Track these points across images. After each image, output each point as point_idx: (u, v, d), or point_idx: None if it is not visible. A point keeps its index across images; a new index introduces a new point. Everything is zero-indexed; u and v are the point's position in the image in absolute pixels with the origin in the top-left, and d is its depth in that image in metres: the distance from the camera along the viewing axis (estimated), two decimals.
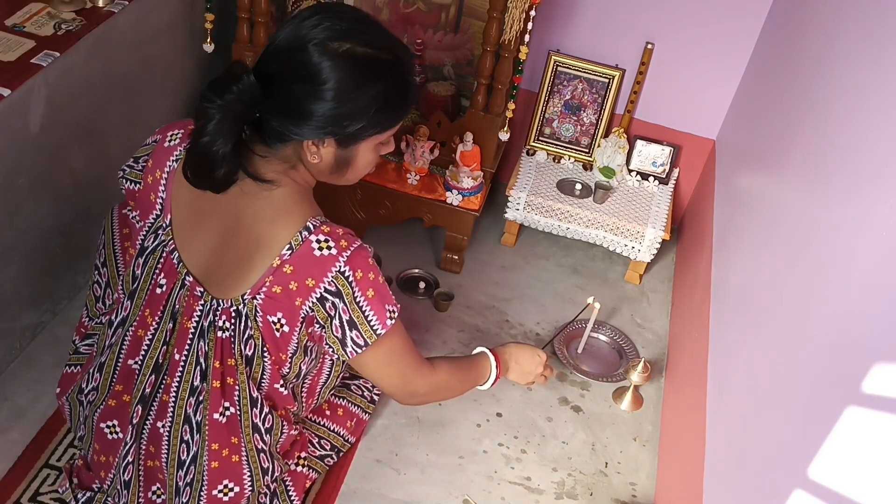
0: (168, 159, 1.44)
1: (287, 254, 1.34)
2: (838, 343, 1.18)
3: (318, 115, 1.30)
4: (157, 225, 1.45)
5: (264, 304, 1.37)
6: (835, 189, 1.38)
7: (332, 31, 1.28)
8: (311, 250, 1.34)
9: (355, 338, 1.39)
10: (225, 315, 1.40)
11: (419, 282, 2.36)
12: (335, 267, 1.34)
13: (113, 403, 1.54)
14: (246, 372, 1.44)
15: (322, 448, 1.74)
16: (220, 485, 1.51)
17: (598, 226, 2.41)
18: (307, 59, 1.27)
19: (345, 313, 1.37)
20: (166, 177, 1.44)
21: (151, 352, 1.48)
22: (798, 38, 1.90)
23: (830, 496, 1.07)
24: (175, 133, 1.46)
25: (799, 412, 1.24)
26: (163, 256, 1.44)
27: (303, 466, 1.68)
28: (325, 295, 1.35)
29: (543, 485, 1.94)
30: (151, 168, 1.46)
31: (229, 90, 1.25)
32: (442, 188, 2.29)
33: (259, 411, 1.48)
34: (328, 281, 1.34)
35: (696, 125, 2.48)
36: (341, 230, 1.37)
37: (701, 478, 1.58)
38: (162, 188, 1.44)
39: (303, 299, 1.36)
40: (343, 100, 1.29)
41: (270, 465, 1.55)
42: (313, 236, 1.35)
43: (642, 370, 2.09)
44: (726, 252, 1.98)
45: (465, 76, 2.41)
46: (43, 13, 1.88)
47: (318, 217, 1.38)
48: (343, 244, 1.35)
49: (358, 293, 1.36)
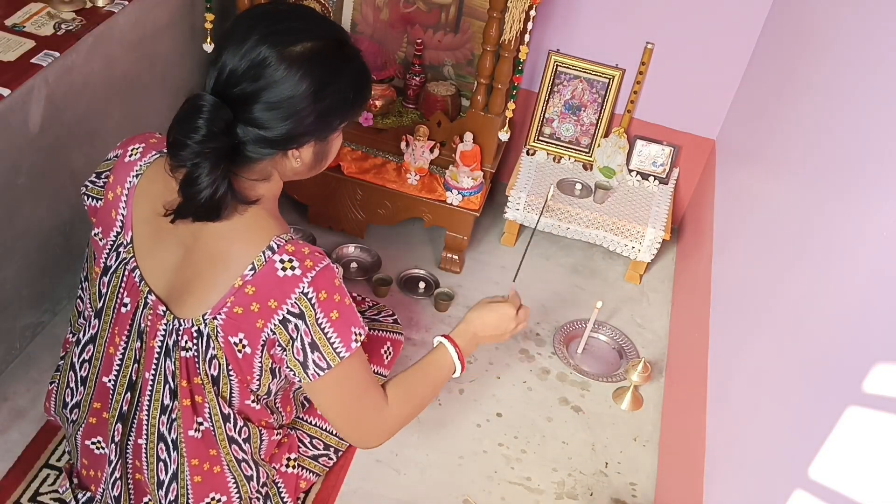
0: (129, 175, 1.40)
1: (249, 274, 1.30)
2: (838, 343, 1.18)
3: (298, 126, 1.28)
4: (118, 242, 1.42)
5: (225, 325, 1.33)
6: (835, 189, 1.38)
7: (281, 38, 1.25)
8: (275, 271, 1.30)
9: (317, 360, 1.33)
10: (187, 335, 1.37)
11: (419, 282, 2.36)
12: (298, 288, 1.30)
13: (94, 421, 1.54)
14: (214, 391, 1.41)
15: (315, 448, 1.73)
16: (206, 497, 1.51)
17: (598, 226, 2.41)
18: (271, 73, 1.23)
19: (307, 335, 1.32)
20: (127, 193, 1.40)
21: (124, 370, 1.46)
22: (798, 38, 1.90)
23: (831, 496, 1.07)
24: (136, 147, 1.42)
25: (799, 412, 1.24)
26: (125, 275, 1.41)
27: (293, 468, 1.67)
28: (287, 317, 1.31)
29: (543, 485, 1.94)
30: (112, 184, 1.42)
31: (198, 127, 1.21)
32: (442, 188, 2.29)
33: (233, 426, 1.46)
34: (291, 302, 1.30)
35: (696, 125, 2.48)
36: (308, 249, 1.33)
37: (701, 478, 1.58)
38: (123, 205, 1.40)
39: (265, 321, 1.32)
40: (319, 103, 1.27)
41: (254, 472, 1.54)
42: (277, 256, 1.30)
43: (642, 370, 2.09)
44: (726, 252, 1.98)
45: (465, 76, 2.41)
46: (43, 13, 1.87)
47: (283, 235, 1.33)
48: (308, 264, 1.31)
49: (321, 315, 1.31)
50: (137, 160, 1.41)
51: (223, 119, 1.23)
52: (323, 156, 1.38)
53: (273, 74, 1.24)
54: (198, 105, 1.22)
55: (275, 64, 1.23)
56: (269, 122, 1.26)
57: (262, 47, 1.23)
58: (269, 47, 1.24)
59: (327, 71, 1.28)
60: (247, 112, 1.25)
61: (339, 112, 1.33)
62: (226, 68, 1.25)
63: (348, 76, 1.31)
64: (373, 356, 1.84)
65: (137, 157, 1.41)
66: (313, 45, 1.26)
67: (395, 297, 2.32)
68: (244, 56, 1.24)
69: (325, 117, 1.30)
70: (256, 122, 1.26)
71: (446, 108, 2.32)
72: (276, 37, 1.24)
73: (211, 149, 1.22)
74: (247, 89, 1.24)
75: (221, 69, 1.26)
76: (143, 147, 1.42)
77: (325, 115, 1.30)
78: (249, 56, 1.24)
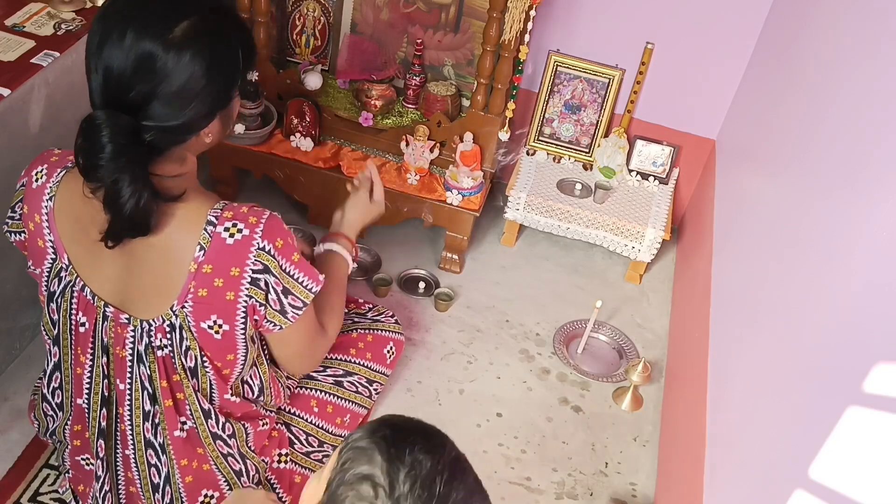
0: (41, 200, 1.37)
1: (200, 255, 1.31)
2: (838, 343, 1.18)
3: (204, 106, 1.27)
4: (56, 267, 1.40)
5: (195, 311, 1.34)
6: (835, 189, 1.38)
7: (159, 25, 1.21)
8: (223, 241, 1.31)
9: (293, 302, 1.37)
10: (160, 332, 1.37)
11: (419, 282, 2.36)
12: (253, 246, 1.31)
13: (78, 443, 1.55)
14: (193, 385, 1.42)
15: (309, 445, 1.72)
16: (200, 496, 1.52)
17: (598, 226, 2.41)
18: (162, 66, 1.20)
19: (277, 285, 1.35)
20: (47, 218, 1.37)
21: (94, 387, 1.47)
22: (798, 38, 1.90)
23: (831, 496, 1.07)
24: (40, 171, 1.38)
25: (799, 412, 1.24)
26: (74, 295, 1.40)
27: (285, 463, 1.67)
28: (254, 276, 1.33)
29: (543, 485, 1.94)
30: (29, 214, 1.39)
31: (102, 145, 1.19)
32: (442, 188, 2.29)
33: (215, 422, 1.47)
34: (251, 262, 1.32)
35: (696, 125, 2.48)
36: (245, 207, 1.34)
37: (701, 478, 1.58)
38: (47, 231, 1.37)
39: (234, 291, 1.33)
40: (215, 78, 1.26)
41: (242, 466, 1.54)
42: (220, 227, 1.31)
43: (642, 370, 2.09)
44: (726, 252, 1.98)
45: (465, 76, 2.41)
46: (43, 13, 1.88)
47: (216, 205, 1.33)
48: (252, 220, 1.32)
49: (283, 261, 1.34)
50: (45, 183, 1.37)
51: (125, 128, 1.21)
52: (229, 119, 1.37)
53: (164, 67, 1.20)
54: (94, 124, 1.20)
55: (162, 55, 1.20)
56: (173, 113, 1.24)
57: (144, 42, 1.19)
58: (150, 40, 1.19)
59: (213, 43, 1.25)
60: (147, 111, 1.23)
61: (235, 77, 1.31)
62: (112, 72, 1.21)
63: (232, 38, 1.29)
64: (376, 356, 1.85)
65: (44, 181, 1.37)
66: (189, 22, 1.22)
67: (395, 297, 2.32)
68: (128, 55, 1.20)
69: (225, 88, 1.30)
70: (159, 118, 1.23)
71: (446, 108, 2.32)
72: (153, 27, 1.20)
73: (124, 161, 1.21)
74: (143, 90, 1.21)
75: (107, 75, 1.22)
76: (47, 168, 1.38)
77: (223, 86, 1.29)
78: (133, 54, 1.20)
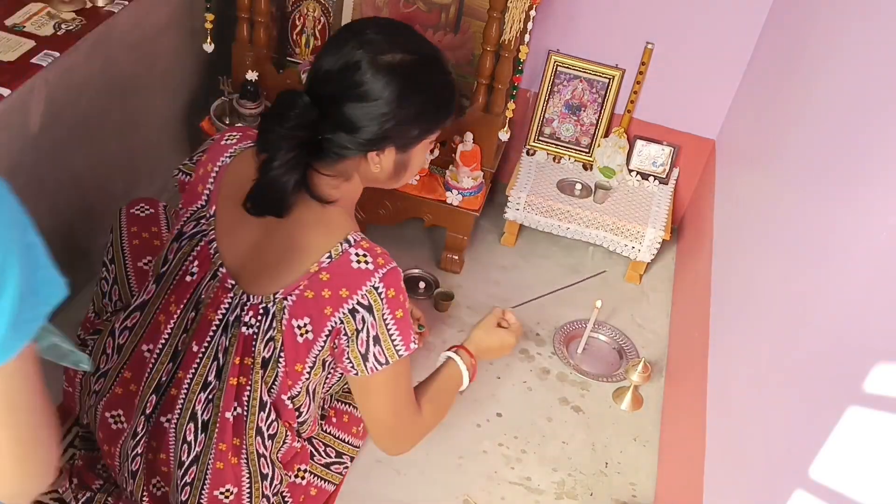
0: (222, 155, 1.49)
1: (326, 262, 1.37)
2: (838, 342, 1.18)
3: (379, 130, 1.34)
4: (199, 214, 1.48)
5: (294, 307, 1.39)
6: (835, 189, 1.38)
7: (376, 47, 1.33)
8: (350, 262, 1.37)
9: (377, 354, 1.39)
10: (252, 311, 1.42)
11: (419, 282, 2.36)
12: (370, 281, 1.36)
13: (120, 391, 1.53)
14: (261, 374, 1.44)
15: (327, 456, 1.73)
16: (221, 487, 1.51)
17: (598, 226, 2.41)
18: (360, 77, 1.31)
19: (373, 328, 1.38)
20: (217, 170, 1.48)
21: (171, 339, 1.48)
22: (798, 38, 1.90)
23: (831, 496, 1.07)
24: (233, 134, 1.51)
25: (799, 412, 1.24)
26: (199, 245, 1.46)
27: (301, 478, 1.67)
28: (356, 307, 1.37)
29: (543, 485, 1.94)
30: (205, 161, 1.51)
31: (287, 118, 1.30)
32: (442, 188, 2.29)
33: (266, 416, 1.48)
34: (361, 294, 1.36)
35: (696, 125, 2.48)
36: (379, 249, 1.41)
37: (701, 478, 1.58)
38: (211, 180, 1.48)
39: (333, 309, 1.37)
40: (401, 110, 1.34)
41: (270, 472, 1.54)
42: (353, 249, 1.38)
43: (642, 370, 2.09)
44: (726, 252, 1.98)
45: (465, 76, 2.40)
46: (43, 13, 1.87)
47: (358, 233, 1.41)
48: (380, 262, 1.38)
49: (387, 311, 1.38)
50: (233, 144, 1.50)
51: (309, 115, 1.31)
52: (403, 167, 1.44)
53: (362, 77, 1.31)
54: (292, 101, 1.31)
55: (365, 68, 1.31)
56: (353, 122, 1.33)
57: (357, 52, 1.32)
58: (362, 52, 1.32)
59: (412, 82, 1.35)
60: (334, 111, 1.32)
61: (419, 123, 1.39)
62: (321, 68, 1.35)
63: (432, 91, 1.39)
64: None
65: (234, 142, 1.50)
66: (403, 57, 1.34)
67: None
68: (339, 58, 1.33)
69: (406, 125, 1.37)
70: (341, 121, 1.33)
71: None
72: (372, 45, 1.33)
73: (293, 137, 1.30)
74: (336, 89, 1.33)
75: (318, 69, 1.35)
76: (240, 135, 1.51)
77: (405, 122, 1.36)
78: (344, 59, 1.32)
